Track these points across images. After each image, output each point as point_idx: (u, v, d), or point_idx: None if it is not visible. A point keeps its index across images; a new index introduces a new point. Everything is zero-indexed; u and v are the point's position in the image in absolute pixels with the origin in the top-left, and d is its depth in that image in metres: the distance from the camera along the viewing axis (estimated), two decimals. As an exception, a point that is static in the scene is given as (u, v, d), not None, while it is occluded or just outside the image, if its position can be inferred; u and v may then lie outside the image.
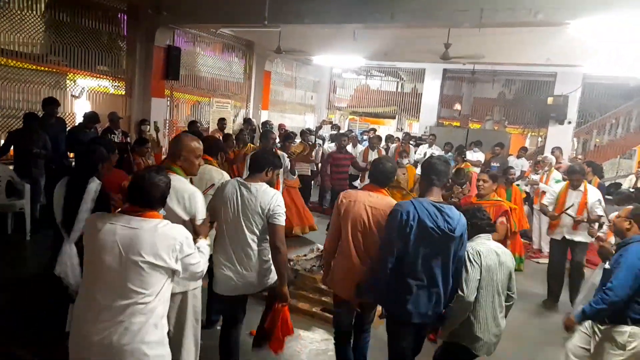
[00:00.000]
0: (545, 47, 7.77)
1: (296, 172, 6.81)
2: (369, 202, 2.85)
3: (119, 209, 2.23)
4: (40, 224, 6.13)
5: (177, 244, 2.07)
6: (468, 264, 2.64)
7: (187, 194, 2.60)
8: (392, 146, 9.55)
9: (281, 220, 2.86)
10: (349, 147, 9.49)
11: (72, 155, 6.64)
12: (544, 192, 6.95)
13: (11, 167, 5.99)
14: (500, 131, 11.37)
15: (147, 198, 2.10)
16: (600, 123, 11.15)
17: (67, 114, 7.47)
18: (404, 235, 2.57)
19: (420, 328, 2.78)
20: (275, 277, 2.97)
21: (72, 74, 7.57)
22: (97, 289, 2.03)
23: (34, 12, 6.81)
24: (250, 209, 2.85)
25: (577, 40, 6.69)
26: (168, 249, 2.04)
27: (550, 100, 10.52)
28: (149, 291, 2.01)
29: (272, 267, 2.95)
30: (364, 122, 15.12)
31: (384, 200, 2.87)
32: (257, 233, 2.86)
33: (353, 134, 10.45)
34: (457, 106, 13.03)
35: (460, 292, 2.62)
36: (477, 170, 7.75)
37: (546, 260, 5.86)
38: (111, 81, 8.31)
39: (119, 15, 8.05)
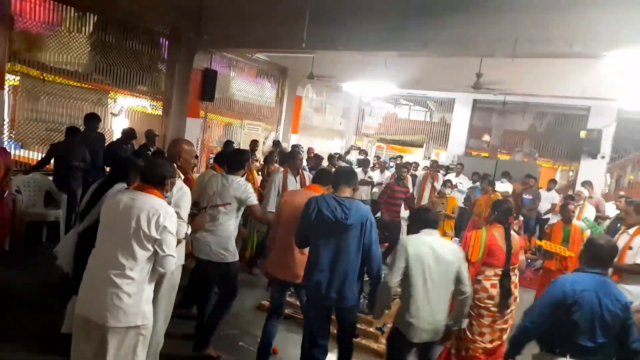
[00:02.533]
0: (580, 79, 7.71)
1: None
2: (300, 200, 3.31)
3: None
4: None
5: (158, 214, 2.46)
6: (396, 252, 2.95)
7: (176, 187, 2.92)
8: (421, 174, 9.51)
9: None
10: (376, 173, 9.52)
11: (109, 169, 6.87)
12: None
13: (50, 178, 6.23)
14: (530, 163, 11.20)
15: (148, 177, 2.60)
16: (636, 159, 10.86)
17: (106, 130, 7.77)
18: (309, 223, 3.05)
19: (336, 308, 3.10)
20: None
21: (113, 92, 7.91)
22: (100, 248, 2.53)
23: (82, 33, 7.21)
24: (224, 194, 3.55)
25: (613, 73, 6.62)
26: (150, 217, 2.45)
27: (583, 133, 10.35)
28: (142, 253, 2.44)
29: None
30: (391, 150, 15.14)
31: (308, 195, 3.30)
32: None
33: (381, 160, 10.48)
34: (486, 137, 12.94)
35: (384, 277, 2.94)
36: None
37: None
38: (149, 100, 8.63)
39: (161, 39, 8.43)
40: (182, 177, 3.18)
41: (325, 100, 13.68)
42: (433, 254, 2.91)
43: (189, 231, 3.06)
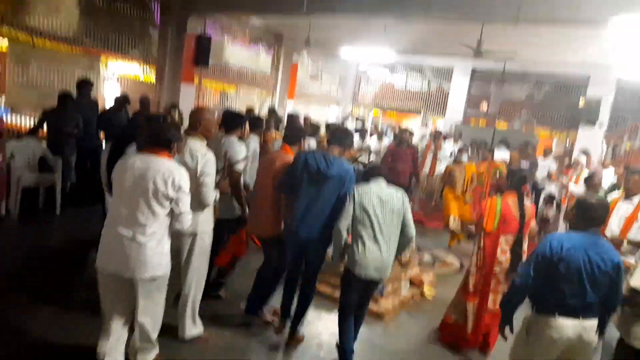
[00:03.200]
0: (581, 47, 7.60)
1: None
2: (273, 161, 3.64)
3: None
4: (70, 200, 6.29)
5: (173, 175, 2.62)
6: (348, 199, 3.21)
7: (200, 153, 3.09)
8: (424, 142, 9.45)
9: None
10: (373, 140, 9.46)
11: (102, 135, 6.78)
12: (572, 195, 6.84)
13: (44, 144, 6.13)
14: (528, 132, 11.17)
15: (156, 139, 2.72)
16: (633, 127, 10.85)
17: (99, 96, 7.62)
18: (294, 174, 3.38)
19: (304, 245, 3.44)
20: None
21: (104, 57, 7.72)
22: (119, 209, 2.67)
23: (72, -5, 6.97)
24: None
25: (613, 41, 6.53)
26: (166, 178, 2.61)
27: (582, 102, 10.29)
28: (160, 210, 2.63)
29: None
30: (387, 117, 15.04)
31: (284, 158, 3.62)
32: None
33: (379, 127, 10.38)
34: (484, 106, 12.84)
35: (336, 223, 3.21)
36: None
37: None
38: (142, 66, 8.44)
39: (153, 2, 8.17)
40: (205, 142, 3.24)
41: (322, 68, 13.46)
42: (379, 200, 3.17)
43: (218, 196, 3.25)
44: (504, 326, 2.78)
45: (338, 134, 3.60)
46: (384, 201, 3.18)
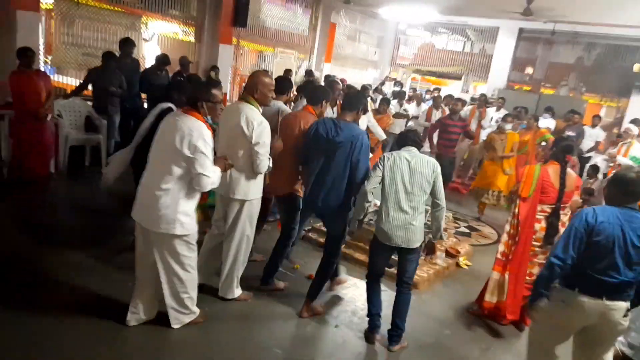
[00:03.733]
0: (637, 6, 7.04)
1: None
2: (294, 120, 3.64)
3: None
4: (114, 159, 6.50)
5: (192, 133, 2.61)
6: (377, 165, 3.19)
7: (256, 122, 3.06)
8: (467, 108, 9.15)
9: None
10: (412, 106, 9.25)
11: (144, 95, 6.89)
12: (619, 166, 6.54)
13: (89, 103, 6.31)
14: (576, 98, 10.63)
15: (187, 99, 2.79)
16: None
17: (140, 56, 7.70)
18: (308, 142, 3.42)
19: (322, 214, 3.56)
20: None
21: (145, 17, 7.75)
22: (150, 163, 2.78)
23: (112, -47, 6.95)
24: None
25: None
26: (184, 136, 2.61)
27: (637, 67, 9.65)
28: (177, 169, 2.65)
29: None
30: (425, 82, 14.60)
31: (309, 118, 3.60)
32: None
33: (418, 92, 10.12)
34: (529, 70, 12.25)
35: (364, 185, 3.21)
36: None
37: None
38: (181, 26, 8.44)
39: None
40: (260, 110, 3.20)
41: (360, 28, 13.09)
42: (409, 167, 3.13)
43: (271, 164, 3.22)
44: (533, 303, 2.59)
45: (350, 99, 3.57)
46: (413, 169, 3.12)
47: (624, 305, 2.41)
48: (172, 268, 2.83)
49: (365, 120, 6.07)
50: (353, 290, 4.06)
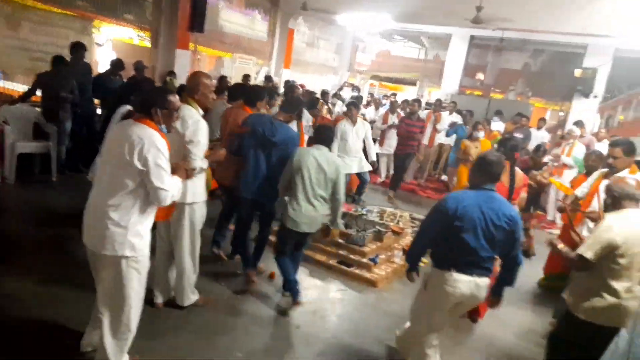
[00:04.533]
0: (581, 15, 7.53)
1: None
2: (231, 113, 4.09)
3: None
4: (65, 166, 6.28)
5: (142, 144, 2.33)
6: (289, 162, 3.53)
7: (192, 120, 2.98)
8: (424, 113, 9.42)
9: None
10: (370, 110, 9.44)
11: (97, 101, 6.71)
12: (565, 165, 6.93)
13: (38, 110, 6.07)
14: (523, 102, 11.18)
15: (137, 105, 2.61)
16: (627, 99, 10.89)
17: (92, 61, 7.49)
18: (245, 138, 3.68)
19: (255, 204, 3.82)
20: None
21: (98, 21, 7.55)
22: (98, 178, 2.53)
23: (62, -46, 6.75)
24: None
25: (613, 10, 6.46)
26: (134, 146, 2.33)
27: (578, 72, 10.27)
28: (128, 182, 2.35)
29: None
30: (383, 87, 14.94)
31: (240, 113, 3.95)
32: None
33: (376, 97, 10.33)
34: (480, 75, 12.78)
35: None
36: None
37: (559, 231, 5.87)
38: (136, 31, 8.28)
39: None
40: (202, 111, 3.15)
41: (318, 35, 13.25)
42: (316, 163, 3.48)
43: (205, 165, 3.08)
44: (410, 272, 3.00)
45: (289, 102, 3.86)
46: (320, 165, 3.47)
47: (487, 280, 2.71)
48: (111, 295, 2.48)
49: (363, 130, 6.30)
50: (313, 290, 4.10)
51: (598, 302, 2.61)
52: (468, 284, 2.64)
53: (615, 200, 2.71)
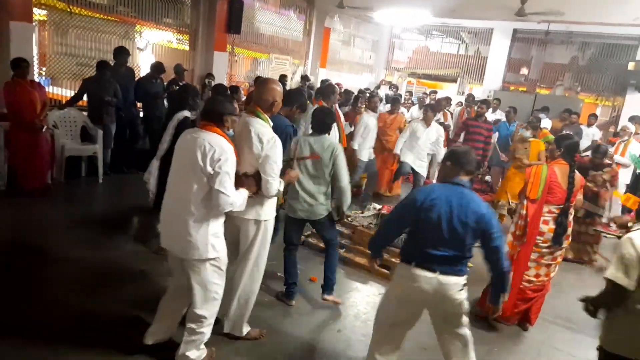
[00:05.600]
0: (633, 4, 7.07)
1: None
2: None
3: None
4: (110, 168, 6.47)
5: (214, 150, 2.43)
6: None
7: (266, 137, 2.75)
8: (457, 109, 9.18)
9: None
10: (415, 110, 9.22)
11: (139, 104, 6.87)
12: (619, 165, 6.53)
13: (85, 113, 6.28)
14: (572, 98, 10.65)
15: (207, 114, 2.58)
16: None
17: (134, 65, 7.68)
18: None
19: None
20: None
21: (139, 25, 7.74)
22: (174, 182, 2.60)
23: (105, -38, 6.94)
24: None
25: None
26: (206, 152, 2.43)
27: (631, 65, 9.68)
28: (199, 188, 2.46)
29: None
30: (420, 85, 14.62)
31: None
32: None
33: (420, 96, 10.05)
34: (524, 70, 12.29)
35: None
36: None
37: (614, 234, 5.52)
38: (175, 34, 8.43)
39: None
40: (271, 124, 2.89)
41: (354, 33, 13.11)
42: (310, 151, 3.41)
43: (282, 187, 2.89)
44: (371, 259, 2.88)
45: (288, 95, 3.72)
46: (314, 152, 3.39)
47: (456, 280, 2.47)
48: (195, 296, 2.61)
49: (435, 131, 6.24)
50: (354, 293, 4.02)
51: None
52: (429, 281, 2.45)
53: None
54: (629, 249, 2.10)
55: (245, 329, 3.12)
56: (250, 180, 2.71)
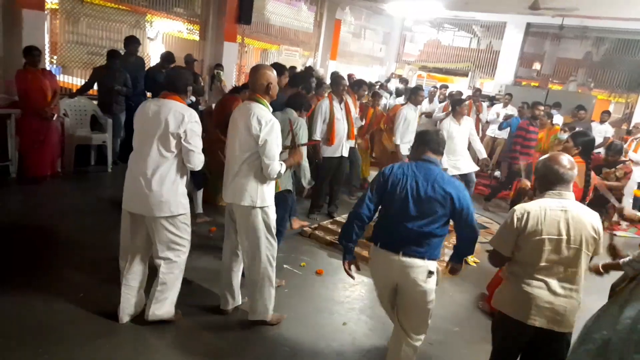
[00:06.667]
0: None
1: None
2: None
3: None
4: (119, 157, 6.50)
5: (182, 115, 2.72)
6: None
7: (265, 120, 2.83)
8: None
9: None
10: (424, 103, 9.14)
11: (149, 94, 6.88)
12: (632, 162, 6.44)
13: (95, 102, 6.30)
14: (585, 94, 10.50)
15: (172, 85, 2.84)
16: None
17: (144, 55, 7.68)
18: None
19: None
20: None
21: (150, 15, 7.73)
22: (137, 147, 2.83)
23: (116, -49, 6.92)
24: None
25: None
26: (175, 118, 2.72)
27: (646, 62, 9.52)
28: (167, 152, 2.75)
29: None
30: (431, 79, 14.50)
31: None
32: None
33: (431, 89, 9.95)
34: (537, 65, 12.14)
35: None
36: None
37: (625, 234, 5.47)
38: (185, 24, 8.42)
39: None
40: (271, 109, 2.98)
41: (365, 25, 13.01)
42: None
43: (283, 169, 2.93)
44: (339, 242, 2.71)
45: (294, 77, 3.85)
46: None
47: (421, 263, 2.44)
48: (165, 250, 2.90)
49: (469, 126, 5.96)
50: (360, 287, 4.02)
51: None
52: (392, 262, 2.46)
53: None
54: (512, 219, 2.20)
55: (267, 315, 3.16)
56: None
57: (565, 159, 2.23)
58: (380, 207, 2.60)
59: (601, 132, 8.28)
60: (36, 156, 5.28)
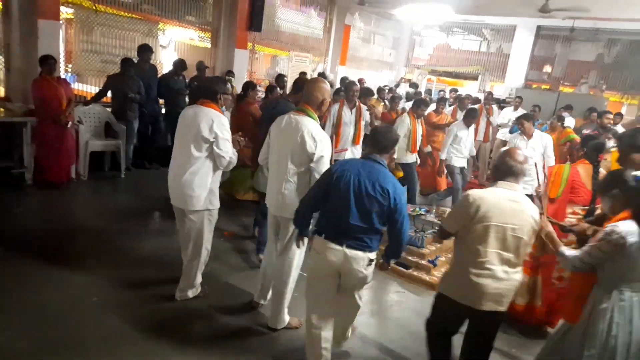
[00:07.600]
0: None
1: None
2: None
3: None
4: (133, 164, 6.60)
5: (212, 121, 3.04)
6: None
7: (319, 137, 2.87)
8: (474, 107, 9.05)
9: None
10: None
11: (162, 101, 6.98)
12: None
13: (109, 110, 6.41)
14: (597, 96, 10.41)
15: (205, 92, 3.22)
16: None
17: (157, 62, 7.80)
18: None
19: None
20: None
21: (162, 23, 7.85)
22: (177, 147, 3.22)
23: (129, -39, 7.06)
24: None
25: None
26: (206, 123, 3.06)
27: (660, 63, 9.42)
28: (199, 153, 3.09)
29: None
30: (441, 83, 14.48)
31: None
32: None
33: (441, 93, 9.95)
34: (547, 68, 12.06)
35: None
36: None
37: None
38: (197, 32, 8.54)
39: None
40: (318, 122, 2.98)
41: (374, 30, 13.06)
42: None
43: None
44: (298, 236, 2.92)
45: (294, 84, 3.94)
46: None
47: (362, 255, 2.56)
48: (190, 240, 3.31)
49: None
50: (370, 292, 4.03)
51: None
52: (336, 253, 2.56)
53: None
54: (467, 202, 2.38)
55: (286, 319, 3.26)
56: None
57: (519, 154, 2.43)
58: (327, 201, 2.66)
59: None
60: (52, 163, 5.38)
